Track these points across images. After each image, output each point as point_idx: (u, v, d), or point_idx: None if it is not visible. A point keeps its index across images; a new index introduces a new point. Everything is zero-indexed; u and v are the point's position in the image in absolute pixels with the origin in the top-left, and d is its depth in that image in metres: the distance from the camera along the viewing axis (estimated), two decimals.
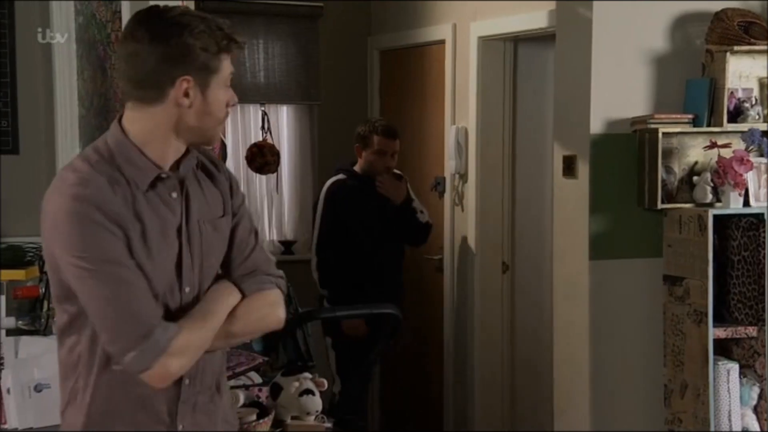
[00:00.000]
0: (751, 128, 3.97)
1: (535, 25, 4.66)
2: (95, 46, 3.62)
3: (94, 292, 1.94)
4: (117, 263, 1.93)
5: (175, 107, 1.99)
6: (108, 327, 1.95)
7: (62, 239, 1.93)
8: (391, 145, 4.81)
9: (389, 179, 4.82)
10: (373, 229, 4.79)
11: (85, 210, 1.92)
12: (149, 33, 1.95)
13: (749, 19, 4.08)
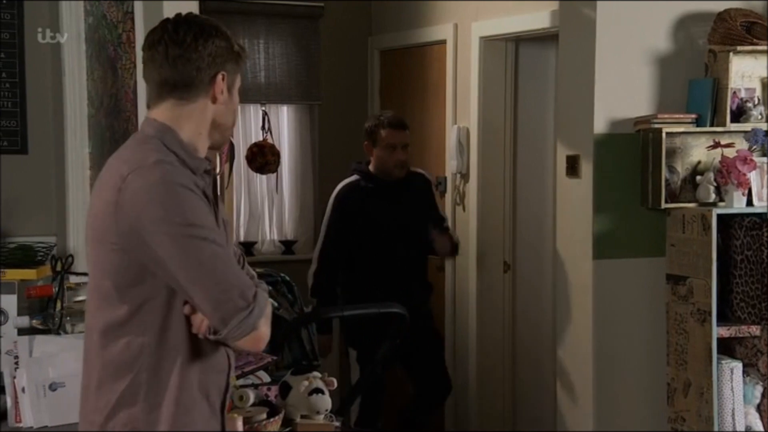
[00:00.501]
0: (754, 128, 3.99)
1: (537, 26, 4.67)
2: (105, 47, 3.63)
3: (201, 258, 1.97)
4: (214, 230, 2.02)
5: (212, 104, 2.12)
6: (214, 293, 1.98)
7: (161, 211, 1.96)
8: (400, 137, 4.54)
9: (437, 235, 4.55)
10: (384, 234, 4.50)
11: (180, 181, 2.00)
12: (192, 35, 2.09)
13: (752, 19, 4.09)
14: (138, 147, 2.08)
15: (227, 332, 2.01)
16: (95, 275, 2.07)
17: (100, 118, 3.73)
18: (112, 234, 2.00)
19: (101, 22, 3.59)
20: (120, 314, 2.03)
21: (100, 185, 2.09)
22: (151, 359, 2.03)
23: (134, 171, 2.00)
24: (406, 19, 5.57)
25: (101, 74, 3.69)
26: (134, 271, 2.00)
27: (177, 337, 2.05)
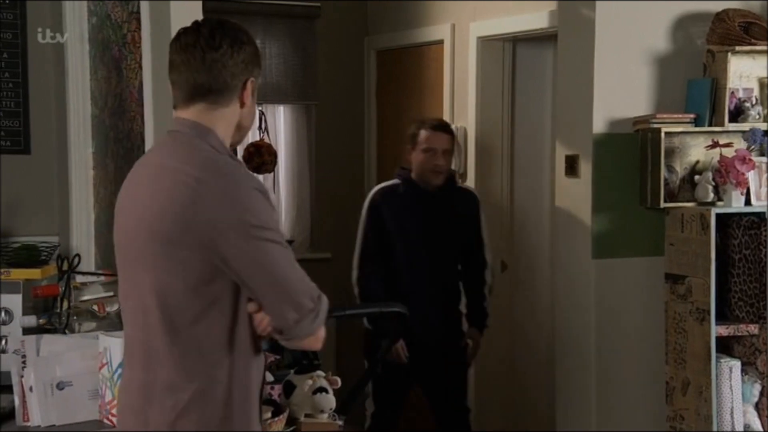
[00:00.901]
0: (753, 128, 4.01)
1: (535, 26, 4.69)
2: (110, 47, 3.63)
3: (274, 261, 2.04)
4: (280, 232, 2.09)
5: (239, 108, 2.17)
6: (286, 295, 2.05)
7: (239, 214, 2.01)
8: (439, 140, 4.24)
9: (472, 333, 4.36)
10: (415, 245, 4.26)
11: (253, 184, 2.06)
12: (228, 41, 2.13)
13: (750, 19, 4.12)
14: (191, 148, 2.10)
15: (295, 333, 2.07)
16: (158, 274, 2.06)
17: (104, 118, 3.73)
18: (186, 234, 2.02)
19: (105, 22, 3.60)
20: (193, 313, 2.05)
21: (154, 186, 2.09)
22: (222, 358, 2.06)
23: (208, 172, 2.03)
24: (403, 19, 5.58)
25: (105, 74, 3.70)
26: (207, 270, 2.03)
27: (242, 335, 2.09)
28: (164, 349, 2.07)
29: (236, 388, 2.08)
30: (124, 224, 2.17)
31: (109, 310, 2.99)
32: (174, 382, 2.06)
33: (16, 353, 2.73)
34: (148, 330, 2.09)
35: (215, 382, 2.06)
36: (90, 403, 2.69)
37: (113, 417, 2.63)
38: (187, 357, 2.06)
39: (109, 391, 2.63)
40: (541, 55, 5.06)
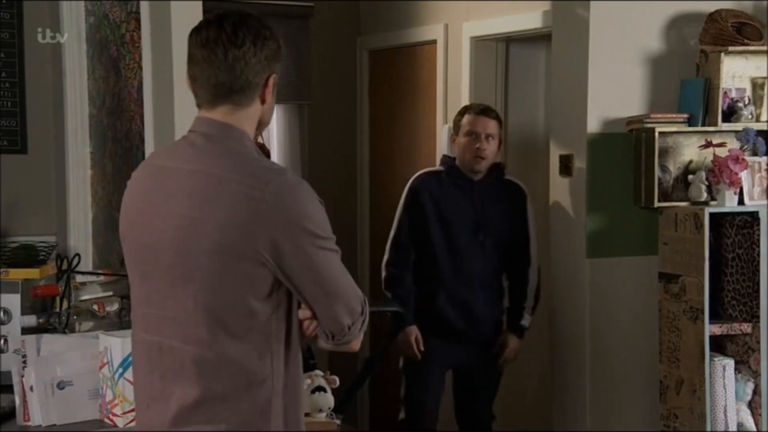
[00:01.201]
0: (746, 127, 4.04)
1: (528, 26, 4.69)
2: (108, 46, 3.63)
3: (335, 270, 2.06)
4: (334, 238, 2.09)
5: (261, 105, 2.13)
6: (344, 302, 2.07)
7: (308, 225, 2.01)
8: (482, 124, 4.04)
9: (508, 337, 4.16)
10: (454, 235, 4.06)
11: (315, 194, 2.06)
12: (251, 38, 2.07)
13: (742, 19, 4.14)
14: (235, 155, 2.05)
15: (347, 337, 2.10)
16: (211, 288, 2.01)
17: (102, 118, 3.73)
18: (251, 247, 1.98)
19: (103, 22, 3.59)
20: (249, 324, 2.03)
21: (202, 196, 2.02)
22: (280, 367, 2.06)
23: (277, 185, 2.00)
24: (396, 19, 5.58)
25: (103, 74, 3.69)
26: (269, 282, 2.02)
27: (294, 341, 2.10)
28: (217, 360, 2.02)
29: (291, 394, 2.09)
30: (155, 232, 2.08)
31: (109, 309, 3.00)
32: (231, 393, 2.03)
33: (16, 353, 2.73)
34: (200, 342, 2.03)
35: (273, 392, 2.05)
36: (90, 402, 2.69)
37: (114, 416, 2.63)
38: (244, 368, 2.03)
39: (110, 391, 2.63)
40: (534, 55, 5.08)
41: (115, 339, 2.60)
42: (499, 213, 4.11)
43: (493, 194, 4.12)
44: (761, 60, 4.15)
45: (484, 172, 4.10)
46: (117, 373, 2.60)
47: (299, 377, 2.13)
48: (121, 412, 2.62)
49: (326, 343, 2.11)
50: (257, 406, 2.03)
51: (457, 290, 4.06)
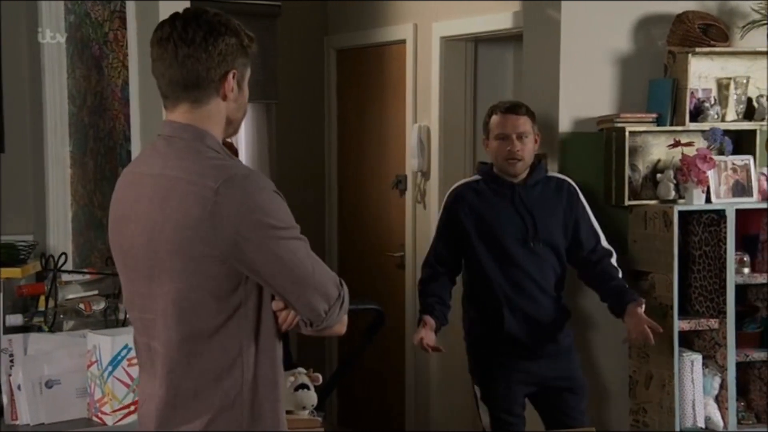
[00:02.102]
0: (713, 127, 4.12)
1: (498, 26, 4.75)
2: (89, 45, 3.60)
3: (301, 257, 2.05)
4: (298, 227, 2.08)
5: (224, 102, 2.10)
6: (315, 289, 2.06)
7: (265, 219, 2.00)
8: (511, 124, 3.76)
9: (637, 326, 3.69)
10: (500, 244, 3.78)
11: (272, 187, 2.05)
12: (202, 33, 2.06)
13: (708, 21, 4.22)
14: (195, 155, 2.06)
15: (326, 323, 2.09)
16: (178, 288, 2.04)
17: (83, 117, 3.70)
18: (208, 246, 1.99)
19: (84, 20, 3.57)
20: (216, 322, 2.04)
21: (164, 199, 2.04)
22: (249, 359, 2.06)
23: (225, 182, 1.99)
24: (364, 19, 5.61)
25: (84, 72, 3.66)
26: (232, 278, 2.02)
27: (267, 333, 2.09)
28: (188, 360, 2.05)
29: (263, 387, 2.08)
30: (131, 237, 2.11)
31: (95, 308, 2.99)
32: (201, 390, 2.05)
33: (3, 352, 2.71)
34: (170, 343, 2.07)
35: (243, 384, 2.06)
36: (78, 401, 2.69)
37: (103, 414, 2.63)
38: (212, 364, 2.05)
39: (98, 389, 2.63)
40: (502, 55, 5.13)
41: (104, 337, 2.60)
42: (549, 214, 3.83)
43: (539, 195, 3.84)
44: (726, 61, 4.24)
45: (523, 174, 3.83)
46: (106, 371, 2.60)
47: (275, 369, 2.11)
48: (110, 410, 2.62)
49: (306, 330, 2.11)
50: (228, 399, 2.04)
51: (517, 305, 3.79)
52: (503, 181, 3.83)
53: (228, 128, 2.14)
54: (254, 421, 2.07)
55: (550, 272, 3.83)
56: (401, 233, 5.38)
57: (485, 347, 3.91)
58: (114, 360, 2.59)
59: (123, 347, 2.59)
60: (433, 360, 5.19)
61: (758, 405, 4.25)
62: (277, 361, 2.13)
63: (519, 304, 3.79)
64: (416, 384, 5.34)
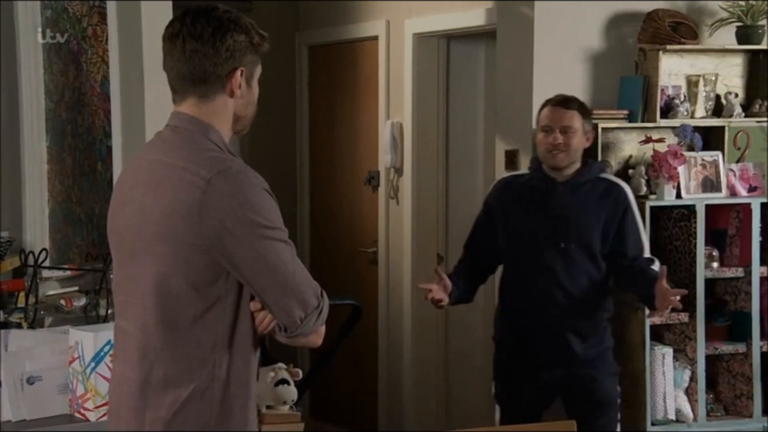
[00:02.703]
0: (683, 124, 4.17)
1: (471, 23, 4.77)
2: (67, 40, 3.58)
3: (283, 260, 2.04)
4: (286, 231, 2.09)
5: (231, 98, 2.12)
6: (293, 294, 2.05)
7: (251, 215, 2.01)
8: (558, 116, 3.66)
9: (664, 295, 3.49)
10: (536, 241, 3.67)
11: (263, 185, 2.06)
12: (210, 29, 2.07)
13: (678, 19, 4.29)
14: (194, 146, 2.08)
15: (300, 330, 2.08)
16: (160, 273, 2.06)
17: (60, 112, 3.68)
18: (193, 234, 2.01)
19: (62, 15, 3.55)
20: (194, 311, 2.05)
21: (158, 184, 2.06)
22: (223, 355, 2.06)
23: (218, 173, 2.01)
24: (336, 15, 5.61)
25: (61, 68, 3.65)
26: (212, 271, 2.03)
27: (243, 333, 2.09)
28: (162, 346, 2.07)
29: (234, 386, 2.09)
30: (123, 220, 2.15)
31: (76, 304, 2.98)
32: (172, 379, 2.06)
33: None
34: (146, 327, 2.09)
35: (214, 379, 2.07)
36: (60, 397, 2.68)
37: (86, 411, 2.63)
38: (186, 354, 2.06)
39: (80, 385, 2.63)
40: (474, 51, 5.17)
41: (87, 333, 2.60)
42: (588, 216, 3.67)
43: (582, 196, 3.69)
44: (695, 58, 4.31)
45: (567, 170, 3.70)
46: (89, 367, 2.60)
47: (248, 370, 2.12)
48: (93, 406, 2.61)
49: (280, 336, 2.11)
50: (198, 392, 2.06)
51: (537, 306, 3.68)
52: (547, 177, 3.72)
53: (236, 125, 2.16)
54: (223, 417, 2.08)
55: (582, 276, 3.67)
56: (374, 229, 5.40)
57: (502, 344, 3.86)
58: (97, 356, 2.59)
59: (106, 343, 2.59)
60: (406, 355, 5.21)
61: (726, 397, 4.33)
62: (252, 362, 2.14)
63: (539, 305, 3.67)
64: (389, 378, 5.36)
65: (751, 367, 4.23)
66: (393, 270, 5.29)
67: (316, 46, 5.84)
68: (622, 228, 3.69)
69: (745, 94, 4.40)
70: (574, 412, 3.62)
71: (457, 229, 5.23)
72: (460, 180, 5.20)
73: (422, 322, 5.18)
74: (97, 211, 3.55)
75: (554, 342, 3.68)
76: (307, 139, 5.94)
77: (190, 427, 2.05)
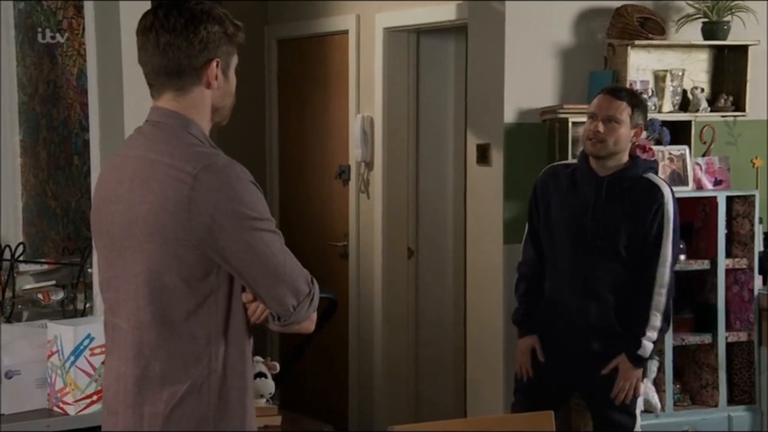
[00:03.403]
0: (652, 118, 4.23)
1: (442, 18, 4.80)
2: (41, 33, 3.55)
3: (274, 251, 2.05)
4: (274, 221, 2.09)
5: (208, 90, 2.12)
6: (285, 283, 2.06)
7: (240, 208, 2.01)
8: (604, 105, 3.58)
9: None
10: (563, 230, 3.66)
11: (250, 177, 2.05)
12: (183, 21, 2.06)
13: (645, 15, 4.34)
14: (178, 141, 2.08)
15: (294, 318, 2.09)
16: (152, 269, 2.06)
17: (34, 106, 3.66)
18: (182, 230, 2.01)
19: (35, 8, 3.53)
20: (187, 307, 2.05)
21: (144, 181, 2.06)
22: (218, 348, 2.07)
23: (204, 168, 2.02)
24: (306, 9, 5.61)
25: (35, 60, 3.62)
26: (203, 265, 2.04)
27: (237, 325, 2.10)
28: (157, 342, 2.07)
29: (231, 377, 2.09)
30: (110, 218, 2.14)
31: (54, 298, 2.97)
32: (169, 374, 2.07)
33: None
34: (140, 324, 2.08)
35: (211, 373, 2.07)
36: (38, 391, 2.67)
37: (65, 404, 2.62)
38: (181, 349, 2.06)
39: (59, 380, 2.62)
40: (444, 46, 5.19)
41: (66, 327, 2.59)
42: (621, 215, 3.60)
43: (620, 193, 3.62)
44: (663, 53, 4.37)
45: (610, 162, 3.63)
46: (68, 361, 2.59)
47: (244, 361, 2.13)
48: (72, 400, 2.61)
49: (273, 325, 2.12)
50: (195, 386, 2.06)
51: (562, 299, 3.66)
52: (590, 170, 3.64)
53: (215, 116, 2.16)
54: (221, 409, 2.09)
55: (607, 276, 3.60)
56: (344, 223, 5.42)
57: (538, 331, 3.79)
58: (76, 350, 2.59)
59: (85, 336, 2.59)
60: (377, 349, 5.24)
61: (692, 387, 4.39)
62: (247, 353, 2.15)
63: (564, 298, 3.67)
64: (359, 372, 5.38)
65: (717, 357, 4.30)
66: (363, 264, 5.32)
67: (285, 40, 5.83)
68: (654, 232, 3.59)
69: (710, 89, 4.47)
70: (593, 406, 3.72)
71: (428, 223, 5.27)
72: (431, 174, 5.23)
73: (393, 315, 5.21)
74: (73, 205, 3.53)
75: (577, 335, 3.66)
76: (276, 133, 5.93)
77: (189, 420, 2.06)
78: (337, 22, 5.40)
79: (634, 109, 3.63)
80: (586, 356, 3.66)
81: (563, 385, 3.77)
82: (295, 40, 5.76)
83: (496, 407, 4.25)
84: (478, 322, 4.41)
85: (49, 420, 2.63)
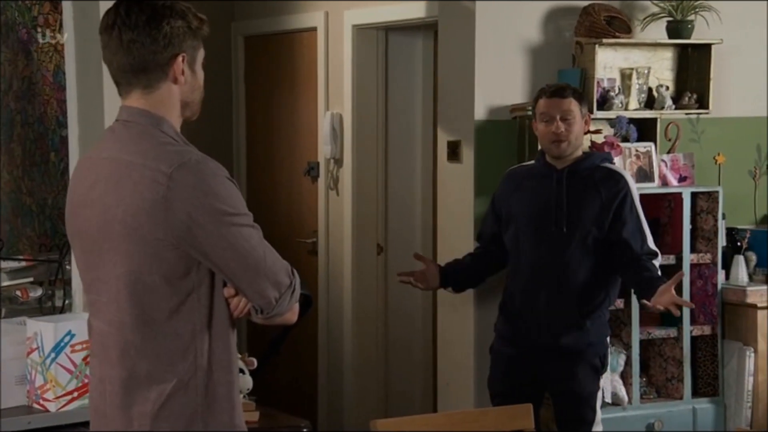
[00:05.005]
0: (619, 115, 4.29)
1: (411, 15, 4.82)
2: (15, 29, 3.52)
3: (253, 244, 2.06)
4: (251, 215, 2.10)
5: (175, 85, 2.11)
6: (266, 276, 2.07)
7: (217, 205, 2.02)
8: (555, 106, 3.70)
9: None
10: (528, 227, 3.76)
11: (225, 173, 2.06)
12: (144, 17, 2.05)
13: (612, 13, 4.41)
14: (150, 141, 2.08)
15: (276, 310, 2.10)
16: (131, 270, 2.06)
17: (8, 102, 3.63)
18: (160, 230, 2.02)
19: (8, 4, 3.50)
20: (169, 305, 2.06)
21: (119, 183, 2.06)
22: (203, 344, 2.08)
23: (179, 167, 2.02)
24: (274, 6, 5.61)
25: (10, 57, 3.59)
26: (183, 262, 2.04)
27: (220, 319, 2.11)
28: (141, 342, 2.07)
29: (217, 372, 2.11)
30: (86, 222, 2.13)
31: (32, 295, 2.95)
32: (155, 374, 2.07)
33: None
34: (123, 325, 2.09)
35: (197, 369, 2.08)
36: (18, 388, 2.66)
37: (45, 401, 2.62)
38: (166, 348, 2.07)
39: (40, 376, 2.62)
40: (413, 44, 5.22)
41: (47, 324, 2.59)
42: (582, 203, 3.71)
43: (579, 183, 3.73)
44: (629, 52, 4.43)
45: (568, 158, 3.75)
46: (49, 358, 2.59)
47: (229, 354, 2.14)
48: (53, 396, 2.61)
49: (257, 318, 2.14)
50: (182, 383, 2.07)
51: (528, 295, 3.75)
52: (547, 165, 3.78)
53: (185, 111, 2.16)
54: (208, 404, 2.10)
55: (576, 263, 3.69)
56: (314, 220, 5.43)
57: (499, 330, 3.93)
58: (57, 347, 2.58)
59: (66, 333, 2.58)
60: (346, 345, 5.25)
61: (658, 380, 4.46)
62: (232, 347, 2.16)
63: (528, 290, 3.76)
64: (329, 368, 5.40)
65: (682, 350, 4.37)
66: (333, 260, 5.33)
67: (252, 36, 5.82)
68: (619, 215, 3.71)
69: (675, 87, 4.54)
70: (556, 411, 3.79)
71: (397, 220, 5.29)
72: (400, 171, 5.26)
73: (362, 312, 5.23)
74: (50, 201, 3.51)
75: (541, 329, 3.74)
76: (244, 131, 5.92)
77: (177, 418, 2.07)
78: (305, 19, 5.40)
79: (581, 102, 3.79)
80: (550, 349, 3.75)
81: (533, 382, 3.81)
82: (263, 37, 5.75)
83: (467, 402, 4.29)
84: (448, 317, 4.44)
85: (29, 417, 2.62)
